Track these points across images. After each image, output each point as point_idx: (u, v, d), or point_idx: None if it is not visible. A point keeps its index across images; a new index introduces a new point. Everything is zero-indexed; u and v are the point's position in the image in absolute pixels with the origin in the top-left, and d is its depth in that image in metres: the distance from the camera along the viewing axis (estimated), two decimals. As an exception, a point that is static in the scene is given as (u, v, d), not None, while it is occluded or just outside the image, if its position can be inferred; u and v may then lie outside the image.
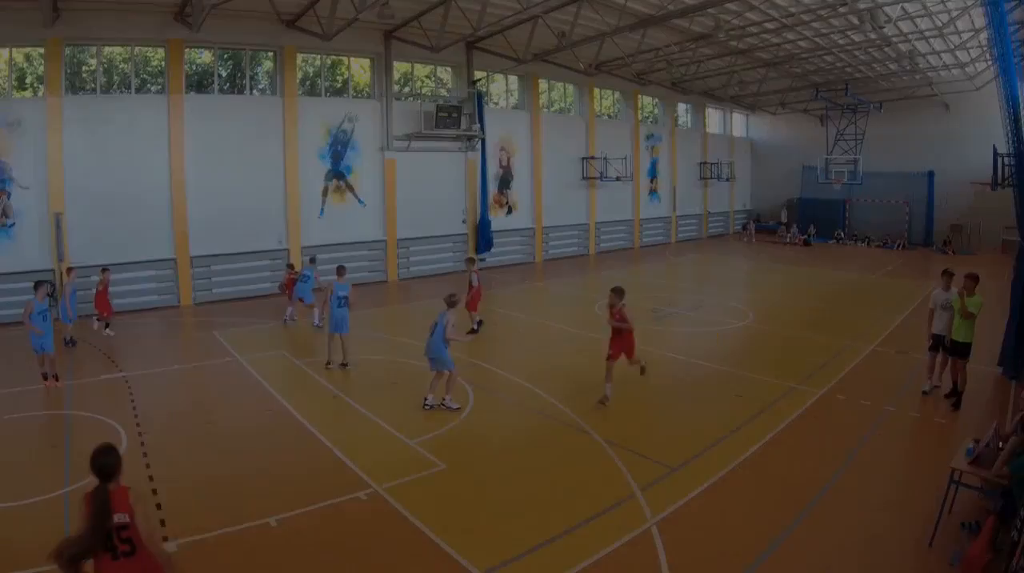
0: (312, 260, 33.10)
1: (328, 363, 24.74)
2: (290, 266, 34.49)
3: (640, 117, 64.81)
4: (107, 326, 30.06)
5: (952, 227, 64.30)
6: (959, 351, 20.26)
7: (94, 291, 30.92)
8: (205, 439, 18.60)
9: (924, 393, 21.37)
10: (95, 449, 9.68)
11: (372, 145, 45.16)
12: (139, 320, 33.35)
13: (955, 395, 20.39)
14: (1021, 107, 22.53)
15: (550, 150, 55.39)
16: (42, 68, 34.93)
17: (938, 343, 21.17)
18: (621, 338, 20.68)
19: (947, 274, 21.38)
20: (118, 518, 8.85)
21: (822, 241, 69.37)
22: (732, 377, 23.72)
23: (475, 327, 30.71)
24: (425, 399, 20.23)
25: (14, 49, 34.88)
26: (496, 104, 54.13)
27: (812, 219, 71.08)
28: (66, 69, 35.57)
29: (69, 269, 27.22)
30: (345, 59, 45.49)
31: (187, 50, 38.49)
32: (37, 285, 23.24)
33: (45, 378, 22.44)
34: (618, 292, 21.00)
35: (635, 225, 64.79)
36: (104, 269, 31.18)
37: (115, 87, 37.80)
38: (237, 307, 36.37)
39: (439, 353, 20.02)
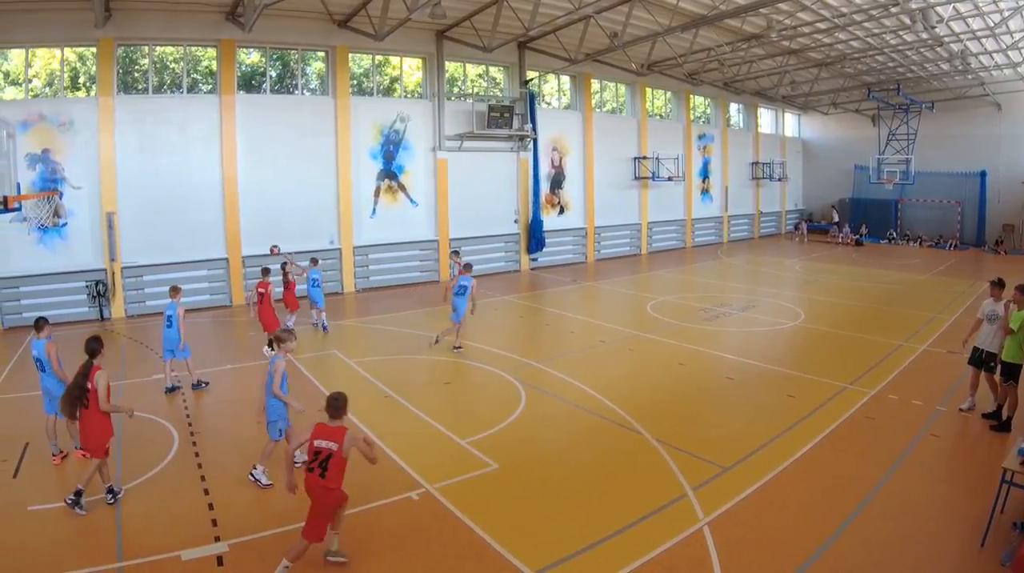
0: (314, 261, 32.00)
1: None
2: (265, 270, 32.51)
3: (692, 117, 63.32)
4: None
5: (1004, 227, 62.47)
6: (1009, 372, 18.24)
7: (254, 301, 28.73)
8: (256, 439, 17.64)
9: (960, 410, 19.65)
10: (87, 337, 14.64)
11: (424, 145, 44.33)
12: (191, 319, 31.05)
13: (996, 418, 18.64)
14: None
15: (602, 150, 54.17)
16: (94, 68, 34.41)
17: (976, 357, 19.44)
18: None
19: (997, 284, 19.71)
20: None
21: (874, 241, 67.72)
22: (784, 377, 23.20)
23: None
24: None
25: (67, 49, 34.45)
26: (548, 104, 52.95)
27: (864, 219, 69.56)
28: (118, 69, 35.02)
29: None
30: (393, 59, 44.62)
31: (237, 50, 38.10)
32: (174, 290, 22.76)
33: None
34: None
35: (687, 225, 63.33)
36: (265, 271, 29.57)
37: (166, 87, 37.23)
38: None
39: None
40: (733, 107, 69.52)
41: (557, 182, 52.01)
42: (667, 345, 27.43)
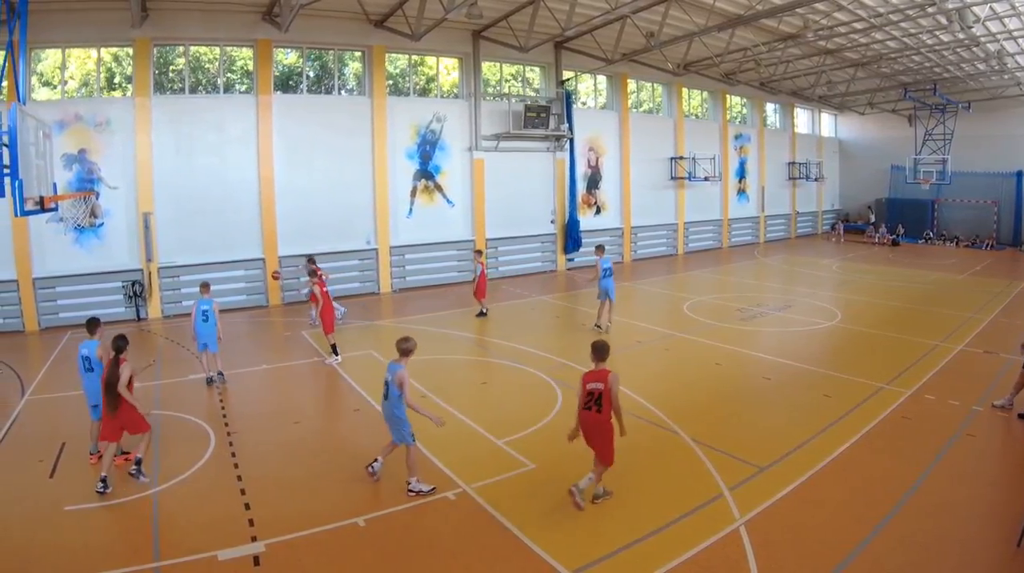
0: (311, 260, 32.05)
1: None
2: (313, 271, 30.60)
3: (728, 117, 62.48)
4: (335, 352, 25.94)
5: (1041, 226, 61.39)
6: None
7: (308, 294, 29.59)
8: (293, 439, 18.28)
9: (994, 406, 19.39)
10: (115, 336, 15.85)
11: (460, 145, 43.88)
12: (227, 320, 31.27)
13: None
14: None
15: (638, 150, 53.42)
16: (130, 68, 34.21)
17: None
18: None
19: None
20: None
21: (910, 241, 66.59)
22: (820, 377, 22.82)
23: (484, 311, 32.80)
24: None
25: (102, 49, 34.26)
26: (584, 104, 52.23)
27: (900, 219, 68.52)
28: (154, 69, 34.78)
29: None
30: (429, 59, 44.16)
31: (274, 50, 37.75)
32: (204, 286, 23.10)
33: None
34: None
35: (724, 225, 62.47)
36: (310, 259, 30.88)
37: (202, 87, 36.98)
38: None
39: None
40: (769, 107, 68.65)
41: (593, 182, 51.36)
42: (704, 345, 27.14)
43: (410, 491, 14.62)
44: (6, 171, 16.24)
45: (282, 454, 17.20)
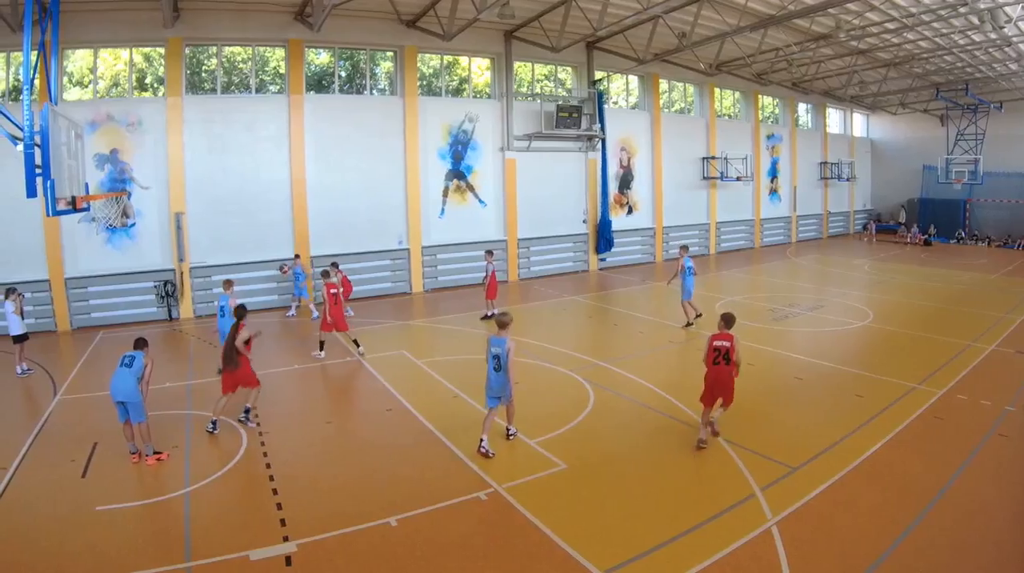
0: (297, 257, 33.95)
1: None
2: (325, 273, 29.83)
3: (760, 117, 61.79)
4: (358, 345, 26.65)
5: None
6: None
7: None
8: (325, 439, 18.28)
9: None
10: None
11: (492, 145, 43.46)
12: (260, 320, 31.88)
13: None
14: None
15: (670, 150, 52.92)
16: (162, 69, 34.04)
17: None
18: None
19: None
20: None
21: (942, 241, 65.88)
22: (852, 377, 22.63)
23: (488, 314, 31.88)
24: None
25: (134, 50, 34.10)
26: (616, 104, 51.73)
27: (932, 219, 67.93)
28: (186, 69, 34.56)
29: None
30: (461, 59, 43.83)
31: (306, 50, 37.44)
32: (227, 283, 23.58)
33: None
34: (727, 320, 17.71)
35: (756, 225, 61.81)
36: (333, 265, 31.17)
37: (234, 87, 36.78)
38: (357, 307, 34.92)
39: None
40: (801, 107, 67.78)
41: (625, 182, 50.84)
42: (736, 345, 26.84)
43: (511, 435, 17.38)
44: (38, 171, 16.31)
45: (314, 454, 17.17)
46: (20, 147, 16.32)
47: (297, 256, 33.78)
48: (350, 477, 15.65)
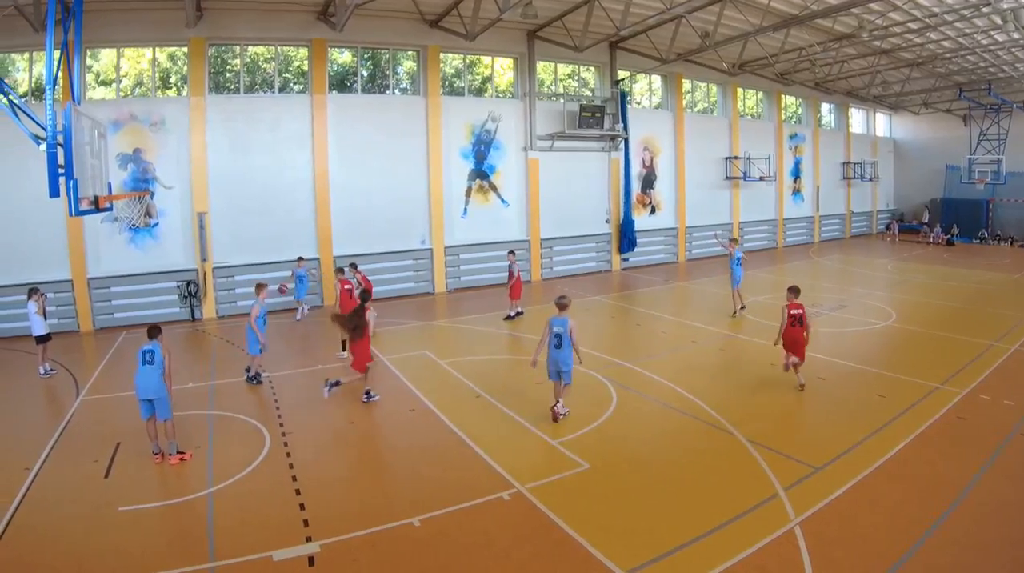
0: (300, 259, 33.51)
1: None
2: (340, 270, 30.35)
3: (783, 117, 61.37)
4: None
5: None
6: None
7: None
8: (348, 439, 18.36)
9: None
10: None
11: (515, 145, 43.18)
12: (282, 320, 32.22)
13: None
14: None
15: (693, 150, 52.55)
16: (185, 68, 33.93)
17: None
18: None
19: None
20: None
21: (965, 241, 65.10)
22: (875, 377, 22.44)
23: (511, 314, 31.90)
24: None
25: (157, 49, 34.05)
26: (639, 104, 51.39)
27: (955, 219, 67.06)
28: (209, 69, 34.50)
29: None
30: (484, 58, 43.66)
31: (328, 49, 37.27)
32: (259, 286, 22.70)
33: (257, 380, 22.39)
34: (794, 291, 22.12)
35: (778, 225, 61.39)
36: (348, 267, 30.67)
37: (257, 87, 36.65)
38: (380, 307, 33.59)
39: None
40: (824, 107, 67.29)
41: (648, 182, 50.50)
42: (758, 345, 26.37)
43: (560, 415, 18.50)
44: (61, 171, 16.26)
45: (337, 454, 17.22)
46: (43, 147, 16.27)
47: (300, 259, 33.49)
48: (373, 477, 15.78)
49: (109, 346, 28.64)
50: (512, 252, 33.08)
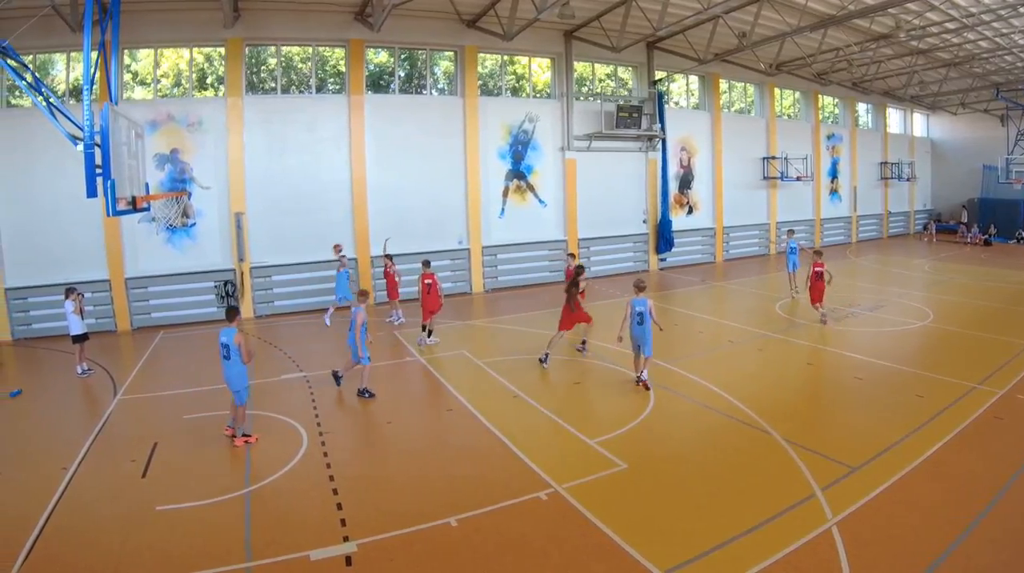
0: (342, 255, 32.66)
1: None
2: (426, 262, 29.71)
3: (820, 117, 60.55)
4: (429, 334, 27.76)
5: None
6: None
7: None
8: (385, 438, 18.36)
9: None
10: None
11: (552, 145, 42.75)
12: (319, 320, 32.09)
13: None
14: None
15: (730, 150, 51.97)
16: (221, 68, 33.80)
17: None
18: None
19: None
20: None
21: (1002, 241, 63.87)
22: (912, 377, 22.16)
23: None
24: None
25: (194, 49, 33.91)
26: (676, 104, 50.78)
27: (992, 219, 65.99)
28: (246, 69, 34.43)
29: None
30: (521, 59, 43.23)
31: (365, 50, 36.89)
32: (364, 293, 22.20)
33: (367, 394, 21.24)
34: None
35: (816, 225, 60.51)
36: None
37: (294, 87, 36.39)
38: (417, 307, 33.24)
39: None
40: (861, 107, 66.38)
41: (686, 182, 49.96)
42: (795, 345, 26.60)
43: (641, 380, 21.28)
44: (98, 171, 16.31)
45: (374, 454, 17.26)
46: (80, 147, 16.35)
47: (342, 255, 32.77)
48: (410, 477, 15.53)
49: (146, 346, 28.63)
50: (572, 254, 32.59)
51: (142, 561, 12.00)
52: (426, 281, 27.14)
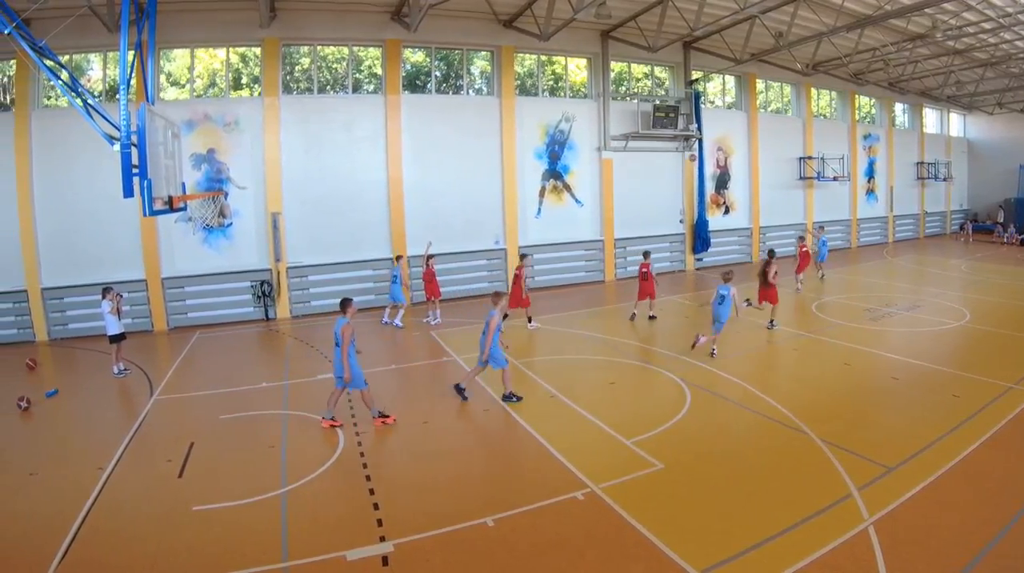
0: (398, 258, 32.25)
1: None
2: (523, 255, 30.93)
3: (857, 117, 59.81)
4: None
5: None
6: None
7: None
8: (422, 438, 18.02)
9: None
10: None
11: (589, 145, 42.33)
12: (355, 320, 32.01)
13: None
14: None
15: (767, 150, 51.44)
16: (257, 68, 33.66)
17: None
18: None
19: None
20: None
21: None
22: (949, 377, 21.90)
23: (653, 315, 32.03)
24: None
25: (230, 49, 33.81)
26: (712, 104, 50.22)
27: (1029, 219, 64.20)
28: (282, 69, 34.17)
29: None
30: (557, 59, 42.83)
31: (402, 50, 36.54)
32: (499, 294, 21.38)
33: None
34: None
35: (852, 225, 59.90)
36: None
37: (330, 87, 36.08)
38: (455, 307, 34.55)
39: None
40: (898, 107, 65.47)
41: (722, 182, 49.51)
42: (832, 345, 26.30)
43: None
44: (135, 171, 16.32)
45: (410, 454, 16.98)
46: (117, 147, 16.34)
47: (399, 257, 32.43)
48: (447, 477, 15.47)
49: (183, 346, 28.56)
50: (647, 253, 32.59)
51: (178, 561, 12.02)
52: (516, 273, 29.79)
